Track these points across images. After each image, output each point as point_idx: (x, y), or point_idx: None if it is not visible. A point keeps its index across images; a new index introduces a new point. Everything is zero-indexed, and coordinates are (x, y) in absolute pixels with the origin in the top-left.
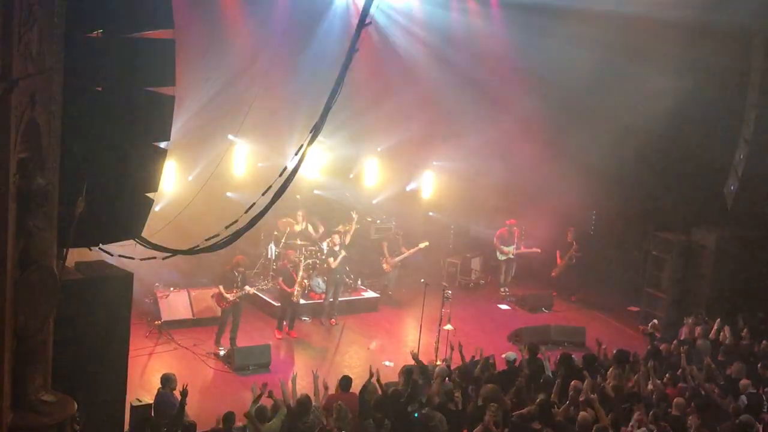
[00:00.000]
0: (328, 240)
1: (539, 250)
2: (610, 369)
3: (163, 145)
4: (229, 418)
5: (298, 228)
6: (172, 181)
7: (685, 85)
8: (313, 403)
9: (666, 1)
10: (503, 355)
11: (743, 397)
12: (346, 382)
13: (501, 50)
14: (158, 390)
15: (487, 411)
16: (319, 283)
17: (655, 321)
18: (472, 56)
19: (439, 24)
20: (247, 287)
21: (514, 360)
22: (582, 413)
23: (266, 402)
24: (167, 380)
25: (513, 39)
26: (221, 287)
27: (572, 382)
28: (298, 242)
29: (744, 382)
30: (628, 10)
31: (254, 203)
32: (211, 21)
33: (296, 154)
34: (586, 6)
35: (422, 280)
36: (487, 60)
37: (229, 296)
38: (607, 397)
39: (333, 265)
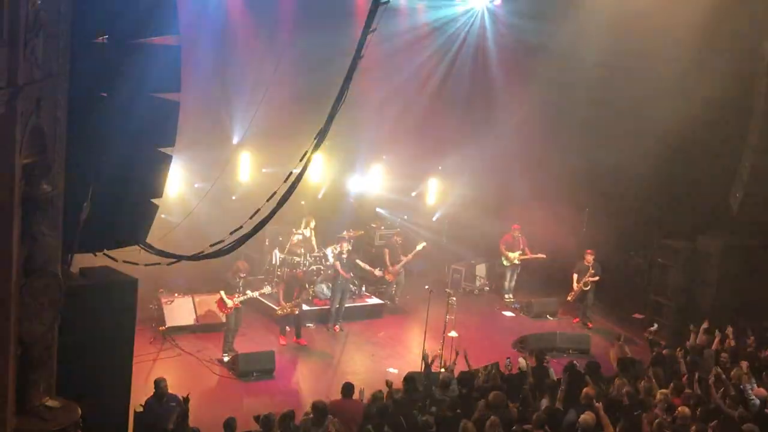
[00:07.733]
0: (334, 246)
1: (544, 256)
2: (616, 378)
3: (168, 150)
4: (230, 424)
5: (303, 235)
6: (178, 186)
7: (691, 91)
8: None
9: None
10: (516, 359)
11: (756, 400)
12: (347, 388)
13: (505, 56)
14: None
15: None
16: (324, 289)
17: (655, 326)
18: (477, 61)
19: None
20: (248, 291)
21: (522, 367)
22: (583, 416)
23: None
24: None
25: (517, 44)
26: (222, 292)
27: (584, 390)
28: (302, 250)
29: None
30: (636, 10)
31: (259, 209)
32: (217, 26)
33: (301, 160)
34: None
35: (426, 287)
36: (492, 66)
37: (230, 301)
38: (613, 404)
39: (341, 270)
